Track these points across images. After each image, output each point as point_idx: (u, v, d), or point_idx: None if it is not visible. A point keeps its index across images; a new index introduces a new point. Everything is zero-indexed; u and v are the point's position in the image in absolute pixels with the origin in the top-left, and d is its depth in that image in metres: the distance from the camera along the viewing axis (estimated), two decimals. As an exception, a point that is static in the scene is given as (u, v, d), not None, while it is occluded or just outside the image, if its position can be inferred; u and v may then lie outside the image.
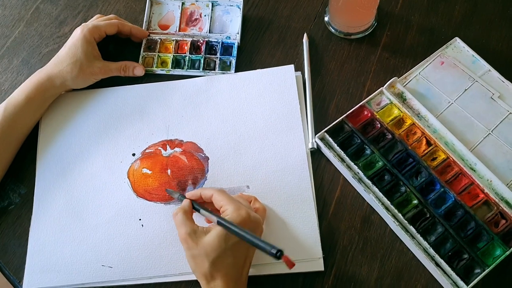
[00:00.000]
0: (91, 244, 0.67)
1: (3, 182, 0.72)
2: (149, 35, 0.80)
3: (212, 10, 0.82)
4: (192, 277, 0.65)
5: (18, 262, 0.68)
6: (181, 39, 0.81)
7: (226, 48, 0.80)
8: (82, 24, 0.75)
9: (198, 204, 0.63)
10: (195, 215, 0.63)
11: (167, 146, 0.73)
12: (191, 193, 0.64)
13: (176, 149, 0.72)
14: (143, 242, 0.67)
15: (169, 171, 0.71)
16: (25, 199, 0.71)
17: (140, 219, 0.68)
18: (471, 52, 0.75)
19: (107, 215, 0.69)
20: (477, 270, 0.62)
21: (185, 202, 0.63)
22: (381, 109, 0.73)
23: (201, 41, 0.80)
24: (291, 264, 0.51)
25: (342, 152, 0.70)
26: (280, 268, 0.64)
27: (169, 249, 0.66)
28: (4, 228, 0.70)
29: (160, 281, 0.65)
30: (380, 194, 0.67)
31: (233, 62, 0.78)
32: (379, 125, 0.71)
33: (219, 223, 0.57)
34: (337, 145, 0.70)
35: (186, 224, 0.59)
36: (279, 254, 0.51)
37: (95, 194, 0.70)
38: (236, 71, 0.78)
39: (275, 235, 0.66)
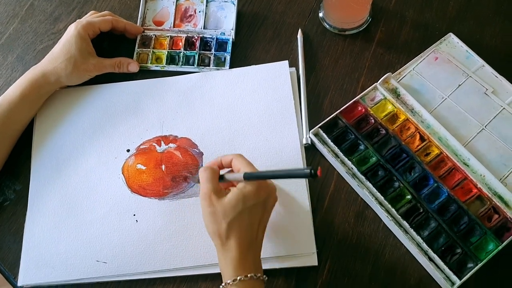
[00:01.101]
0: (86, 240, 0.67)
1: (-2, 178, 0.72)
2: (143, 31, 0.80)
3: (206, 6, 0.82)
4: (187, 272, 0.65)
5: (13, 257, 0.68)
6: (176, 35, 0.81)
7: (221, 44, 0.80)
8: (76, 21, 0.75)
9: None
10: None
11: (162, 142, 0.73)
12: (212, 162, 0.64)
13: (171, 145, 0.72)
14: (138, 238, 0.67)
15: (163, 166, 0.71)
16: (20, 195, 0.72)
17: (134, 215, 0.68)
18: (465, 47, 0.76)
19: (102, 211, 0.69)
20: (470, 265, 0.63)
21: (214, 164, 0.63)
22: (375, 104, 0.73)
23: (196, 37, 0.80)
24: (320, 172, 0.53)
25: (336, 148, 0.70)
26: (274, 263, 0.65)
27: (163, 245, 0.66)
28: (-1, 224, 0.70)
29: (155, 276, 0.66)
30: (374, 190, 0.67)
31: (228, 58, 0.78)
32: (373, 120, 0.72)
33: (245, 176, 0.58)
34: (331, 141, 0.70)
35: (212, 182, 0.59)
36: (313, 172, 0.52)
37: (90, 190, 0.70)
38: (230, 67, 0.78)
39: (269, 230, 0.66)
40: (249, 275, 0.56)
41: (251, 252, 0.58)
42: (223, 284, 0.57)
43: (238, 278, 0.56)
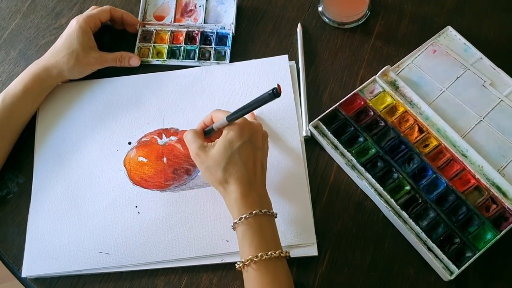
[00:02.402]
0: (89, 232, 0.68)
1: (1, 172, 0.73)
2: (144, 26, 0.81)
3: (207, 0, 0.83)
4: (189, 263, 0.66)
5: (17, 249, 0.69)
6: (176, 29, 0.81)
7: (221, 38, 0.80)
8: (78, 15, 0.75)
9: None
10: None
11: (163, 134, 0.73)
12: (196, 127, 0.68)
13: (172, 137, 0.73)
14: (140, 229, 0.68)
15: (164, 159, 0.72)
16: (23, 188, 0.72)
17: (136, 207, 0.69)
18: (463, 40, 0.76)
19: (104, 203, 0.70)
20: (468, 254, 0.63)
21: (198, 124, 0.68)
22: (374, 97, 0.74)
23: (196, 32, 0.81)
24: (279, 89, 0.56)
25: (336, 140, 0.71)
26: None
27: (165, 235, 0.67)
28: (2, 216, 0.71)
29: (157, 267, 0.66)
30: (373, 181, 0.68)
31: (228, 52, 0.79)
32: (372, 113, 0.72)
33: (228, 119, 0.61)
34: (331, 133, 0.71)
35: (196, 141, 0.63)
36: (275, 91, 0.55)
37: (92, 182, 0.71)
38: (230, 61, 0.79)
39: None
40: (253, 212, 0.58)
41: (253, 190, 0.60)
42: (231, 224, 0.60)
43: (244, 216, 0.58)
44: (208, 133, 0.66)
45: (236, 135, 0.61)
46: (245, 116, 0.63)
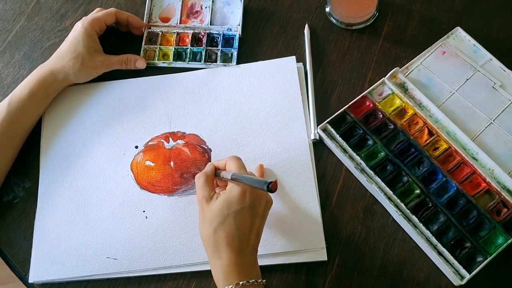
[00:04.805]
0: (96, 237, 0.68)
1: (7, 176, 0.72)
2: (150, 28, 0.80)
3: (213, 2, 0.82)
4: (197, 268, 0.65)
5: (24, 255, 0.68)
6: (182, 31, 0.81)
7: (227, 40, 0.80)
8: (83, 18, 0.75)
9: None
10: None
11: (170, 138, 0.73)
12: (217, 162, 0.64)
13: (179, 141, 0.73)
14: (147, 234, 0.67)
15: (172, 163, 0.71)
16: (30, 193, 0.72)
17: (144, 211, 0.69)
18: (473, 41, 0.75)
19: (111, 208, 0.69)
20: (479, 259, 0.63)
21: (209, 167, 0.64)
22: (383, 99, 0.73)
23: (202, 33, 0.80)
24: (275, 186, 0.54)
25: (344, 143, 0.70)
26: (283, 258, 0.65)
27: (173, 241, 0.66)
28: (9, 221, 0.71)
29: (165, 272, 0.66)
30: (383, 184, 0.67)
31: (235, 54, 0.78)
32: (381, 115, 0.72)
33: (232, 176, 0.59)
34: (339, 136, 0.70)
35: (205, 189, 0.60)
36: (270, 187, 0.53)
37: (99, 187, 0.71)
38: (237, 63, 0.78)
39: (278, 225, 0.66)
40: (240, 283, 0.55)
41: (243, 259, 0.57)
42: None
43: (230, 287, 0.55)
44: (217, 176, 0.63)
45: (237, 197, 0.57)
46: (253, 169, 0.61)
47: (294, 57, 0.77)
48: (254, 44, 0.80)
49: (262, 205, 0.60)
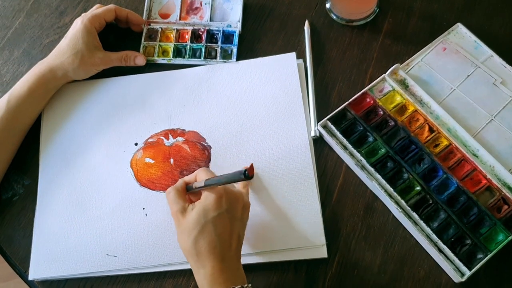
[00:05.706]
0: (96, 234, 0.68)
1: (7, 174, 0.72)
2: (149, 24, 0.80)
3: (212, -2, 0.82)
4: (197, 265, 0.65)
5: (23, 252, 0.68)
6: (182, 28, 0.80)
7: (227, 37, 0.79)
8: (82, 15, 0.74)
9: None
10: None
11: (170, 135, 0.73)
12: (187, 177, 0.64)
13: (179, 138, 0.72)
14: (147, 231, 0.67)
15: (172, 160, 0.71)
16: (29, 190, 0.72)
17: (143, 208, 0.68)
18: (473, 37, 0.75)
19: (111, 205, 0.69)
20: (480, 256, 0.63)
21: (179, 182, 0.63)
22: (384, 96, 0.73)
23: (202, 30, 0.80)
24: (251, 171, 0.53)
25: (345, 140, 0.70)
26: (283, 256, 0.65)
27: (173, 238, 0.66)
28: (8, 219, 0.71)
29: (164, 269, 0.66)
30: (383, 181, 0.67)
31: (234, 50, 0.78)
32: (381, 112, 0.71)
33: (205, 183, 0.58)
34: (340, 133, 0.70)
35: (177, 202, 0.60)
36: (246, 174, 0.52)
37: (99, 184, 0.70)
38: (237, 59, 0.78)
39: (278, 222, 0.66)
40: None
41: (226, 265, 0.56)
42: None
43: None
44: (189, 190, 0.63)
45: (213, 204, 0.57)
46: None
47: (294, 53, 0.77)
48: (254, 40, 0.79)
49: (239, 208, 0.60)
